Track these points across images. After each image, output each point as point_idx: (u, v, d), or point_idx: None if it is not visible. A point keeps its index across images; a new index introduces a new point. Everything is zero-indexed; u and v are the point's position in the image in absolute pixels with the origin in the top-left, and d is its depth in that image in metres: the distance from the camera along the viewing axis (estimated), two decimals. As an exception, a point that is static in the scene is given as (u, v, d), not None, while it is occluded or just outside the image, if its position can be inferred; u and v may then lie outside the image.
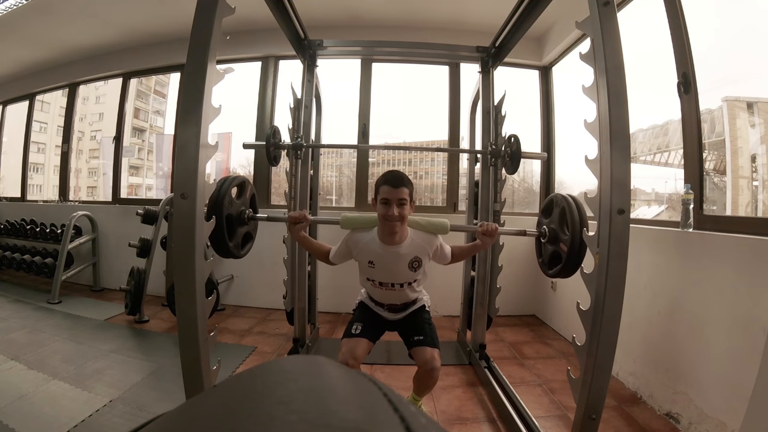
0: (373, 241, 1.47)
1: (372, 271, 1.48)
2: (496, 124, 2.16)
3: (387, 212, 1.36)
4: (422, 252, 1.48)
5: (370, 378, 0.23)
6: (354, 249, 1.51)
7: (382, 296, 1.54)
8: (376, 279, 1.49)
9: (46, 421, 1.51)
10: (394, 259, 1.45)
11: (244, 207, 1.57)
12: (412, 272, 1.47)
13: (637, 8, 2.25)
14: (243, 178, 1.57)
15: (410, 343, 1.48)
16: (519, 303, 3.12)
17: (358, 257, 1.51)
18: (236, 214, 1.51)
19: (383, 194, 1.37)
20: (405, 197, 1.37)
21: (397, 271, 1.46)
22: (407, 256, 1.45)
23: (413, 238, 1.47)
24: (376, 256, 1.46)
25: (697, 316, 1.57)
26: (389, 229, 1.40)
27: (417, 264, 1.47)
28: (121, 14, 3.25)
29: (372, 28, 3.29)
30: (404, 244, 1.45)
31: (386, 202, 1.37)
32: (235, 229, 1.51)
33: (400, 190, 1.36)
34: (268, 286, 3.04)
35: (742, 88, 1.83)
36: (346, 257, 1.55)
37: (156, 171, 4.45)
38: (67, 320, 2.75)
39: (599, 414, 1.12)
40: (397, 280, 1.48)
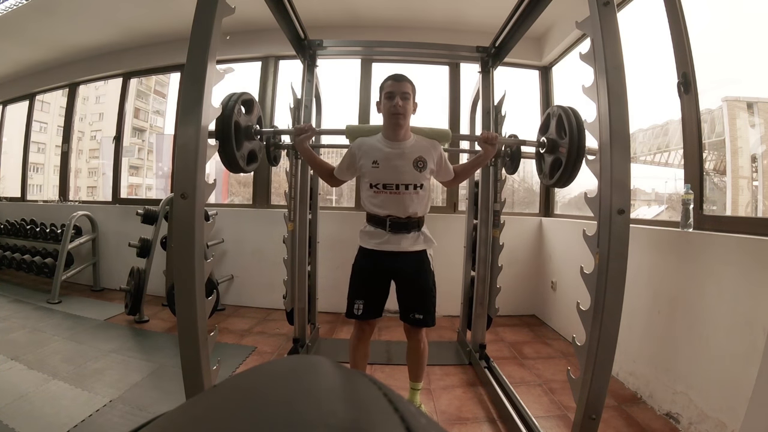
0: (378, 140, 1.49)
1: (376, 173, 1.45)
2: (496, 124, 2.16)
3: (392, 104, 1.40)
4: (426, 153, 1.48)
5: (370, 378, 0.23)
6: (359, 152, 1.50)
7: (385, 204, 1.45)
8: (380, 182, 1.45)
9: (46, 421, 1.51)
10: (399, 156, 1.45)
11: (251, 123, 1.54)
12: (418, 172, 1.45)
13: (637, 8, 2.25)
14: (250, 95, 1.52)
15: (409, 319, 1.50)
16: (519, 303, 3.12)
17: (363, 160, 1.48)
18: (244, 127, 1.48)
19: (387, 88, 1.43)
20: (408, 91, 1.43)
21: (402, 169, 1.44)
22: (412, 154, 1.46)
23: (417, 140, 1.51)
24: (381, 155, 1.46)
25: (697, 316, 1.57)
26: (394, 122, 1.43)
27: (422, 164, 1.46)
28: (121, 14, 3.25)
29: (372, 28, 3.29)
30: (408, 143, 1.48)
31: (390, 95, 1.42)
32: (242, 142, 1.48)
33: (403, 83, 1.42)
34: (268, 286, 3.05)
35: (742, 88, 1.83)
36: (350, 168, 1.54)
37: (156, 171, 4.46)
38: (67, 320, 2.75)
39: (599, 414, 1.12)
40: (402, 180, 1.44)
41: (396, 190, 1.44)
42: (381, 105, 1.48)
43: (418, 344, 1.54)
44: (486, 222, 2.18)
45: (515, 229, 2.84)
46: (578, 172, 1.38)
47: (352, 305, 1.48)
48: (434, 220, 3.06)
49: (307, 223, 2.28)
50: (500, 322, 2.87)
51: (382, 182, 1.45)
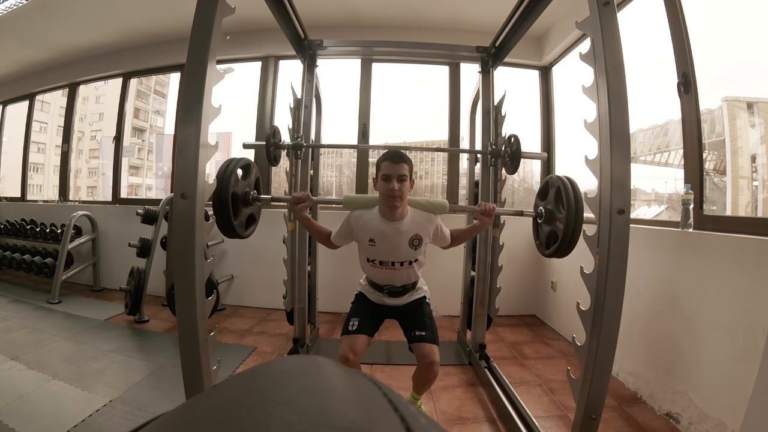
0: (374, 218, 1.49)
1: (373, 250, 1.49)
2: (496, 124, 2.16)
3: (388, 187, 1.39)
4: (422, 230, 1.49)
5: (370, 378, 0.23)
6: (355, 227, 1.51)
7: (382, 277, 1.54)
8: (376, 258, 1.50)
9: (46, 421, 1.51)
10: (395, 236, 1.46)
11: (249, 188, 1.56)
12: (413, 250, 1.48)
13: (637, 8, 2.25)
14: (248, 160, 1.55)
15: (411, 338, 1.49)
16: (519, 303, 3.12)
17: (359, 235, 1.51)
18: (241, 194, 1.50)
19: (384, 170, 1.41)
20: (405, 173, 1.41)
21: (397, 249, 1.47)
22: (408, 233, 1.47)
23: (413, 216, 1.49)
24: (377, 233, 1.47)
25: (698, 316, 1.57)
26: (390, 205, 1.42)
27: (417, 242, 1.48)
28: (121, 14, 3.25)
29: (372, 28, 3.29)
30: (405, 221, 1.47)
31: (387, 177, 1.40)
32: (240, 209, 1.49)
33: (401, 165, 1.40)
34: (268, 286, 3.04)
35: (742, 88, 1.83)
36: (347, 237, 1.55)
37: (156, 171, 4.45)
38: (67, 320, 2.75)
39: (599, 414, 1.12)
40: (398, 258, 1.48)
41: (392, 266, 1.50)
42: (377, 183, 1.46)
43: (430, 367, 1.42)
44: (486, 222, 2.17)
45: (515, 229, 2.84)
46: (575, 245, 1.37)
47: (347, 324, 1.51)
48: (434, 220, 3.07)
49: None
50: (500, 322, 2.87)
51: (379, 259, 1.50)
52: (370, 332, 1.50)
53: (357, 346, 1.43)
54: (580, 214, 1.34)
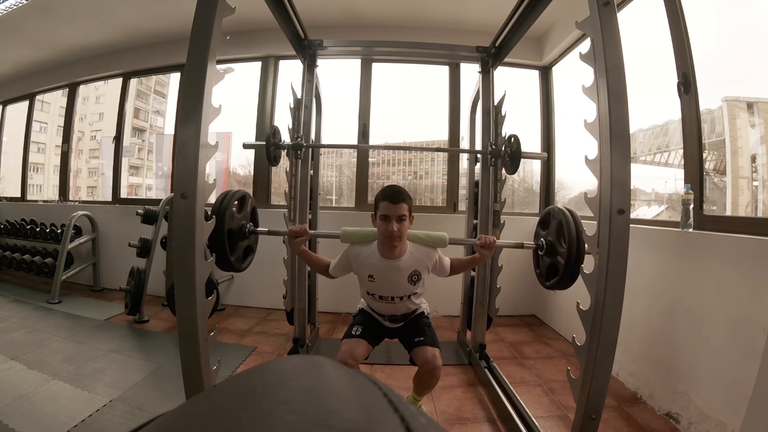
0: (372, 255, 1.48)
1: (372, 285, 1.50)
2: (496, 124, 2.16)
3: (387, 228, 1.37)
4: (421, 265, 1.49)
5: (370, 378, 0.23)
6: (354, 262, 1.51)
7: (382, 309, 1.56)
8: (376, 293, 1.51)
9: (46, 421, 1.51)
10: (394, 273, 1.46)
11: (245, 221, 1.58)
12: (412, 285, 1.49)
13: (637, 8, 2.25)
14: (243, 192, 1.58)
15: (411, 345, 1.49)
16: (519, 303, 3.12)
17: (358, 270, 1.52)
18: (237, 228, 1.52)
19: (383, 210, 1.39)
20: (404, 213, 1.38)
21: (396, 285, 1.48)
22: (407, 270, 1.46)
23: (412, 251, 1.48)
24: (376, 270, 1.47)
25: (697, 316, 1.57)
26: (389, 245, 1.42)
27: (416, 277, 1.49)
28: (121, 14, 3.25)
29: (372, 28, 3.29)
30: (404, 258, 1.46)
31: (386, 218, 1.38)
32: (236, 242, 1.52)
33: (400, 206, 1.37)
34: (268, 286, 3.04)
35: (742, 88, 1.83)
36: (345, 270, 1.56)
37: (156, 171, 4.45)
38: (67, 320, 2.75)
39: (599, 414, 1.12)
40: (397, 294, 1.49)
41: (392, 300, 1.51)
42: (375, 221, 1.44)
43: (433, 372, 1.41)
44: (486, 222, 2.18)
45: (515, 229, 2.84)
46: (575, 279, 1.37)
47: (351, 328, 1.52)
48: (434, 220, 3.07)
49: (307, 223, 2.27)
50: (500, 322, 2.87)
51: (378, 294, 1.51)
52: (372, 341, 1.51)
53: (357, 352, 1.42)
54: (581, 249, 1.34)
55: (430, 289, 1.65)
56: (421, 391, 1.56)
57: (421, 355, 1.43)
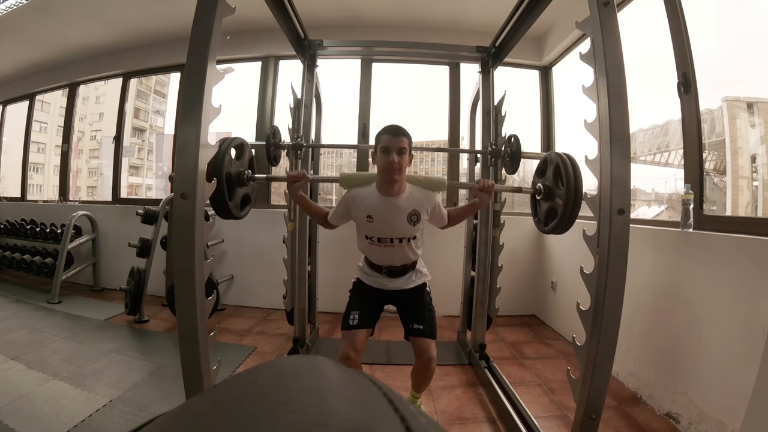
0: (372, 194, 1.47)
1: (370, 227, 1.46)
2: (496, 124, 2.16)
3: (387, 160, 1.38)
4: (420, 206, 1.47)
5: (370, 378, 0.23)
6: (352, 204, 1.49)
7: (380, 256, 1.51)
8: (374, 235, 1.47)
9: (46, 421, 1.51)
10: (393, 211, 1.44)
11: (243, 168, 1.55)
12: (411, 226, 1.46)
13: (637, 8, 2.25)
14: (242, 139, 1.53)
15: (409, 330, 1.49)
16: (519, 303, 3.12)
17: (356, 213, 1.49)
18: (235, 174, 1.48)
19: (383, 143, 1.39)
20: (404, 146, 1.39)
21: (395, 225, 1.45)
22: (406, 209, 1.45)
23: (411, 192, 1.48)
24: (375, 210, 1.45)
25: (697, 316, 1.57)
26: (389, 179, 1.41)
27: (416, 218, 1.46)
28: (121, 14, 3.25)
29: (372, 28, 3.29)
30: (403, 196, 1.46)
31: (386, 150, 1.38)
32: (235, 189, 1.49)
33: (400, 139, 1.39)
34: (268, 286, 3.04)
35: (742, 88, 1.83)
36: (344, 217, 1.53)
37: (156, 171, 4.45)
38: (67, 320, 2.75)
39: (599, 414, 1.12)
40: (396, 235, 1.46)
41: (390, 243, 1.47)
42: (375, 157, 1.44)
43: (428, 363, 1.44)
44: (486, 222, 2.18)
45: (515, 229, 2.84)
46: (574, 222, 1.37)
47: (348, 317, 1.49)
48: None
49: (307, 223, 2.28)
50: (500, 322, 2.87)
51: (377, 236, 1.48)
52: (370, 324, 1.49)
53: (358, 343, 1.41)
54: (580, 190, 1.34)
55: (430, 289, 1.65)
56: (418, 385, 1.56)
57: (418, 345, 1.45)
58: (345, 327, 1.47)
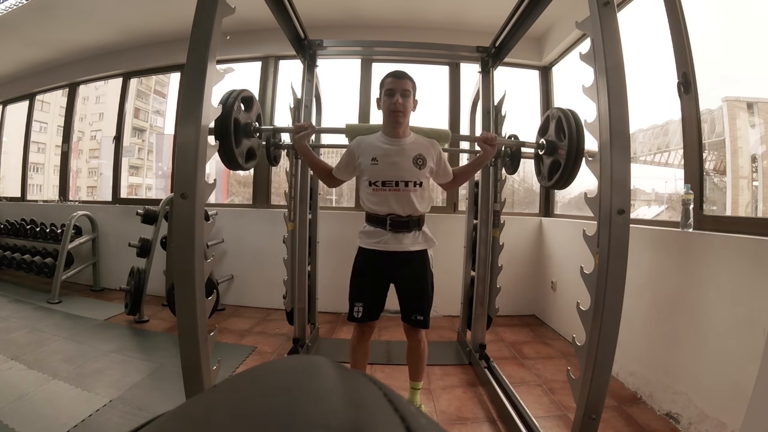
0: (377, 138, 1.49)
1: (375, 170, 1.44)
2: (496, 124, 2.16)
3: (391, 101, 1.40)
4: (426, 151, 1.48)
5: (370, 378, 0.23)
6: (357, 150, 1.50)
7: (384, 201, 1.44)
8: (379, 179, 1.44)
9: (46, 421, 1.51)
10: (398, 152, 1.45)
11: (250, 120, 1.54)
12: (417, 169, 1.45)
13: (637, 8, 2.25)
14: (250, 92, 1.53)
15: (408, 319, 1.51)
16: (519, 303, 3.12)
17: (362, 158, 1.47)
18: (243, 124, 1.47)
19: (388, 85, 1.43)
20: (409, 88, 1.43)
21: (401, 165, 1.44)
22: (411, 151, 1.46)
23: (416, 138, 1.51)
24: (380, 151, 1.45)
25: (697, 316, 1.57)
26: (393, 120, 1.43)
27: (421, 161, 1.46)
28: (121, 14, 3.25)
29: (372, 28, 3.29)
30: (408, 140, 1.48)
31: (391, 92, 1.41)
32: (241, 139, 1.48)
33: (404, 81, 1.42)
34: (268, 286, 3.04)
35: (742, 88, 1.83)
36: (348, 166, 1.53)
37: (156, 171, 4.45)
38: (67, 320, 2.75)
39: (599, 414, 1.12)
40: (402, 177, 1.43)
41: (395, 187, 1.44)
42: (381, 102, 1.47)
43: (419, 344, 1.56)
44: (486, 222, 2.18)
45: (515, 229, 2.84)
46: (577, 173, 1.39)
47: (352, 308, 1.51)
48: (434, 220, 3.06)
49: (307, 223, 2.28)
50: (500, 322, 2.87)
51: (381, 179, 1.44)
52: (375, 313, 1.52)
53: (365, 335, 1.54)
54: (582, 141, 1.35)
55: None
56: (415, 369, 1.61)
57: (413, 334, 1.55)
58: (351, 318, 1.51)
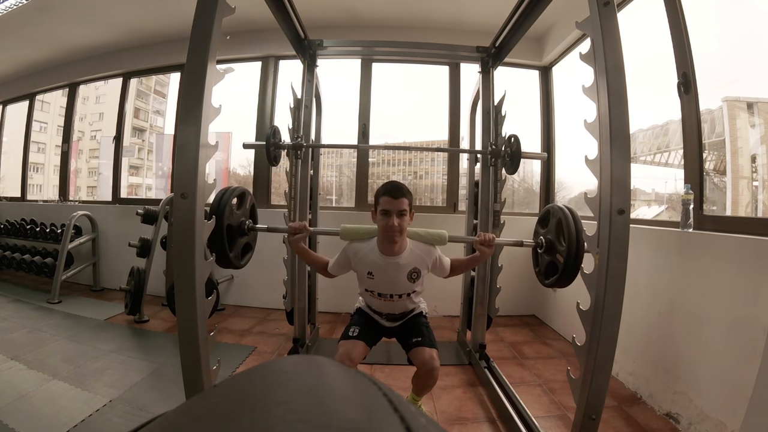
0: (372, 251, 1.47)
1: (371, 282, 1.49)
2: (496, 124, 2.16)
3: (387, 223, 1.37)
4: (421, 263, 1.49)
5: (370, 378, 0.23)
6: (353, 259, 1.51)
7: (380, 306, 1.55)
8: (375, 290, 1.50)
9: (46, 421, 1.51)
10: (394, 270, 1.46)
11: (244, 218, 1.57)
12: (411, 283, 1.48)
13: (637, 8, 2.25)
14: (243, 189, 1.58)
15: (408, 346, 1.48)
16: (519, 303, 3.12)
17: (357, 267, 1.51)
18: (236, 225, 1.51)
19: (383, 205, 1.39)
20: (405, 208, 1.39)
21: (396, 282, 1.47)
22: (406, 267, 1.46)
23: (412, 249, 1.48)
24: (376, 267, 1.46)
25: (697, 316, 1.57)
26: (389, 239, 1.41)
27: (416, 275, 1.48)
28: (121, 14, 3.25)
29: (372, 28, 3.29)
30: (403, 255, 1.46)
31: (386, 213, 1.38)
32: (236, 239, 1.52)
33: (400, 201, 1.38)
34: (268, 286, 3.04)
35: (742, 88, 1.83)
36: (344, 268, 1.55)
37: (156, 171, 4.45)
38: (67, 320, 2.75)
39: (599, 414, 1.12)
40: (396, 291, 1.49)
41: (390, 298, 1.50)
42: (375, 216, 1.44)
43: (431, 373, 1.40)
44: (486, 222, 2.18)
45: (515, 229, 2.84)
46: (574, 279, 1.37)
47: (348, 330, 1.51)
48: (434, 220, 3.07)
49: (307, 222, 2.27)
50: (500, 322, 2.87)
51: (377, 291, 1.50)
52: (369, 342, 1.50)
53: (355, 354, 1.41)
54: (581, 247, 1.33)
55: (429, 289, 1.65)
56: (419, 391, 1.55)
57: (418, 356, 1.42)
58: (344, 338, 1.48)
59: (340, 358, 1.39)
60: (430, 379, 1.43)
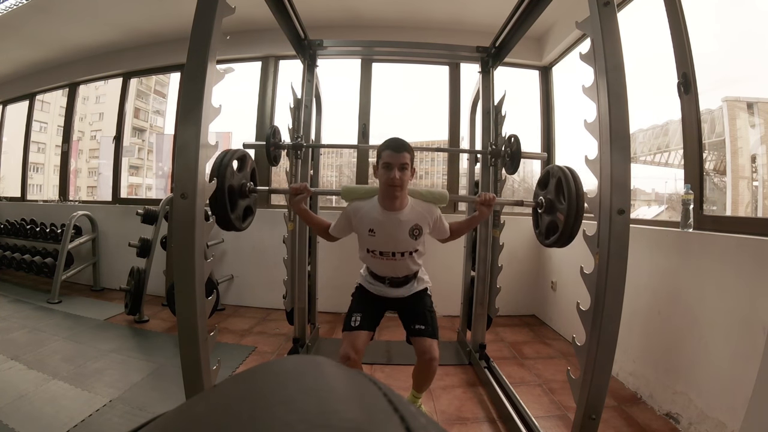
0: (373, 208, 1.46)
1: (372, 240, 1.46)
2: (496, 124, 2.16)
3: (389, 176, 1.37)
4: (422, 220, 1.47)
5: (370, 378, 0.23)
6: (354, 218, 1.49)
7: (382, 268, 1.52)
8: (376, 249, 1.48)
9: (46, 421, 1.51)
10: (395, 226, 1.44)
11: (245, 180, 1.55)
12: (413, 240, 1.46)
13: (637, 8, 2.25)
14: (244, 151, 1.54)
15: (411, 331, 1.49)
16: (519, 303, 3.12)
17: (359, 227, 1.49)
18: (237, 186, 1.49)
19: (385, 158, 1.38)
20: (406, 161, 1.38)
21: (397, 238, 1.45)
22: (408, 223, 1.45)
23: (413, 206, 1.47)
24: (377, 224, 1.45)
25: (697, 316, 1.57)
26: (390, 194, 1.40)
27: (417, 232, 1.46)
28: (121, 14, 3.25)
29: (372, 28, 3.29)
30: (405, 211, 1.45)
31: (388, 166, 1.37)
32: (237, 201, 1.49)
33: (402, 155, 1.38)
34: (268, 286, 3.04)
35: (742, 88, 1.83)
36: (346, 229, 1.54)
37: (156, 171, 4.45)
38: (67, 320, 2.75)
39: (599, 414, 1.12)
40: (398, 249, 1.46)
41: (392, 256, 1.47)
42: (377, 171, 1.44)
43: (429, 363, 1.43)
44: (486, 222, 2.18)
45: (515, 229, 2.84)
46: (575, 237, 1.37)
47: (349, 319, 1.49)
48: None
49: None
50: (500, 322, 2.87)
51: (379, 249, 1.48)
52: (371, 327, 1.49)
53: (359, 344, 1.41)
54: (581, 205, 1.34)
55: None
56: (419, 385, 1.56)
57: (419, 345, 1.44)
58: (346, 328, 1.47)
59: (345, 350, 1.40)
60: (429, 369, 1.45)
